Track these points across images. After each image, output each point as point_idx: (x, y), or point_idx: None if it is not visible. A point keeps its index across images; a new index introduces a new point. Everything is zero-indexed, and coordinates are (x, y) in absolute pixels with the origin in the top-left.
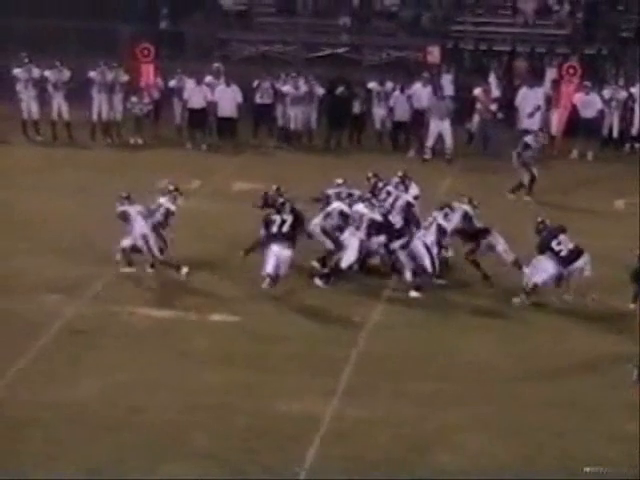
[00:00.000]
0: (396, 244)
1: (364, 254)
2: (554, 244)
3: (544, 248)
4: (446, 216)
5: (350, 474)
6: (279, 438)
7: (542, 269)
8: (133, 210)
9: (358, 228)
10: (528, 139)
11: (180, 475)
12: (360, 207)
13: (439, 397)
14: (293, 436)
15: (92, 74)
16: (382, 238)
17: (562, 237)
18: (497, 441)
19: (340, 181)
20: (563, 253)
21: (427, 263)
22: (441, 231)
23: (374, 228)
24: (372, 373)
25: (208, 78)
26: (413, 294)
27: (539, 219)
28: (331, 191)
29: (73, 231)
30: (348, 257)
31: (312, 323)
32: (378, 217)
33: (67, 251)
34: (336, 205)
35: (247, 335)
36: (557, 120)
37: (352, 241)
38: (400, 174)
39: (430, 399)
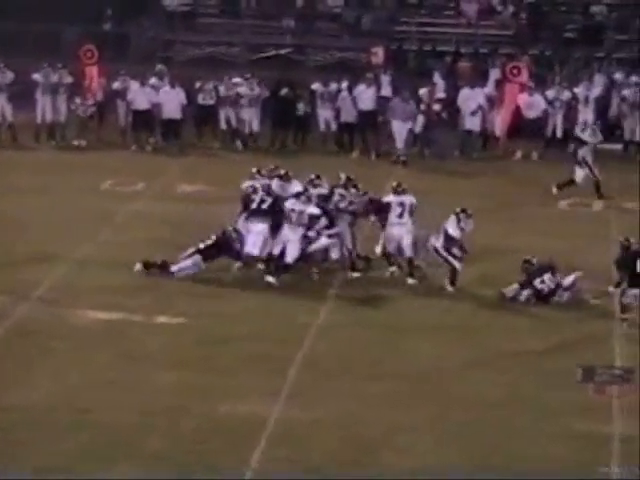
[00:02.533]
0: (329, 232)
1: (306, 249)
2: (537, 282)
3: (526, 284)
4: (459, 222)
5: (296, 475)
6: (227, 440)
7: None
8: None
9: (298, 224)
10: (584, 135)
11: (131, 476)
12: (295, 203)
13: (386, 398)
14: (240, 437)
15: (36, 76)
16: (323, 222)
17: (547, 276)
18: (445, 442)
19: (254, 170)
20: (544, 292)
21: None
22: (447, 237)
23: (314, 219)
24: (319, 374)
25: (152, 80)
26: (409, 280)
27: (526, 257)
28: (246, 185)
29: (18, 233)
30: (292, 252)
31: (258, 324)
32: (317, 211)
33: (13, 253)
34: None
35: (193, 336)
36: (501, 121)
37: (292, 236)
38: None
39: (377, 400)
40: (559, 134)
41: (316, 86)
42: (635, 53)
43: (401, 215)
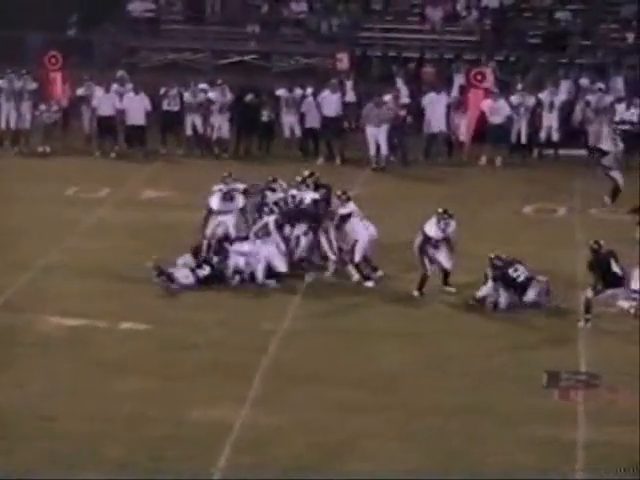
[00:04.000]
0: (299, 230)
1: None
2: (511, 271)
3: (498, 277)
4: (438, 222)
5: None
6: (191, 446)
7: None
8: None
9: (268, 234)
10: (604, 145)
11: None
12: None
13: (352, 404)
14: (205, 444)
15: (0, 82)
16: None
17: (519, 266)
18: (411, 448)
19: (226, 174)
20: (520, 280)
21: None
22: (426, 238)
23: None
24: (283, 380)
25: (114, 86)
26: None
27: (492, 255)
28: (216, 188)
29: None
30: (280, 263)
31: (223, 330)
32: (277, 217)
33: None
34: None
35: (157, 343)
36: (465, 126)
37: (271, 249)
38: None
39: (343, 406)
40: (523, 140)
41: (280, 92)
42: (599, 59)
43: (362, 218)
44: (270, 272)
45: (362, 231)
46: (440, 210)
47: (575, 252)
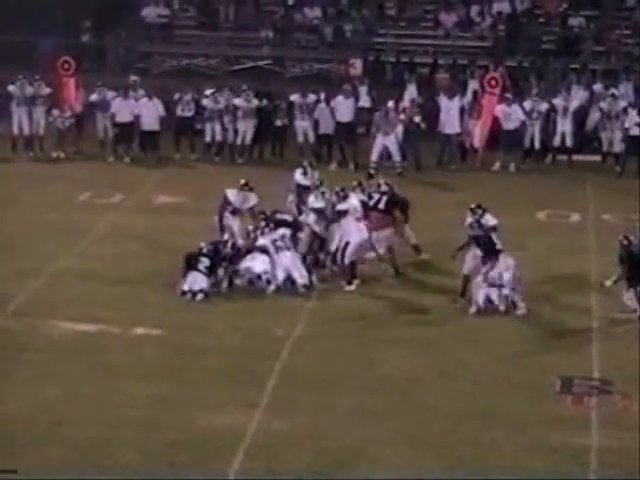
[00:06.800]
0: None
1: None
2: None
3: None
4: (477, 220)
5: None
6: (202, 452)
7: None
8: None
9: (288, 248)
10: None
11: None
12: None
13: (362, 410)
14: (217, 449)
15: (11, 88)
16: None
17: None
18: (419, 454)
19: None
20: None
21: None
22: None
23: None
24: (295, 386)
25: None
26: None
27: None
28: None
29: None
30: (300, 275)
31: (235, 336)
32: (290, 230)
33: None
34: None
35: (170, 348)
36: (479, 132)
37: (290, 260)
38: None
39: (353, 412)
40: (537, 145)
41: (294, 97)
42: (612, 65)
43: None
44: (289, 279)
45: (356, 233)
46: (472, 205)
47: (588, 258)
